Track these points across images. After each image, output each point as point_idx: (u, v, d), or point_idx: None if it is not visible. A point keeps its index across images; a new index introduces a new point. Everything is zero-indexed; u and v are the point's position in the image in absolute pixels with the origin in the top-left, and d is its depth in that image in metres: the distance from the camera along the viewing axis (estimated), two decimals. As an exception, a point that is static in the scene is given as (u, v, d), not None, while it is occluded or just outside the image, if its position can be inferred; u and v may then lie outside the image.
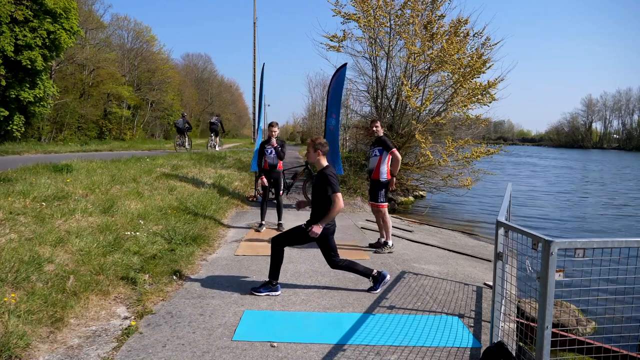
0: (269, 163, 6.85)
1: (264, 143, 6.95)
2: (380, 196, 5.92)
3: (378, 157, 5.95)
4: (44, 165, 7.93)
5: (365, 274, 4.35)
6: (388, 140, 5.93)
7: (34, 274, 3.63)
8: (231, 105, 66.59)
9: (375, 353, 3.13)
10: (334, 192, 4.08)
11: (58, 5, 17.60)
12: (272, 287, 4.20)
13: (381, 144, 5.93)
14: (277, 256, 4.23)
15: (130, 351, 3.02)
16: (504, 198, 4.23)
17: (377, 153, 5.96)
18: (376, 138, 6.06)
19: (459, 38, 11.19)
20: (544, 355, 2.35)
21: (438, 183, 12.60)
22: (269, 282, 4.22)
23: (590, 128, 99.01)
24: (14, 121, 18.00)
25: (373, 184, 6.00)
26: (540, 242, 2.36)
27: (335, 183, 4.11)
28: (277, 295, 4.18)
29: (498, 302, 3.23)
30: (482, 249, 7.32)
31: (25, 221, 4.60)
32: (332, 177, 4.12)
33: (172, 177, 9.40)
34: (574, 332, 4.64)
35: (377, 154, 5.96)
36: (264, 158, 6.89)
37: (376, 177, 5.93)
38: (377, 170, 5.92)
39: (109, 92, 29.81)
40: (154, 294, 4.01)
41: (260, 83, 9.51)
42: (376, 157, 5.97)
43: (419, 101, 11.52)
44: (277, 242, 4.26)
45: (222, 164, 13.40)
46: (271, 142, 6.80)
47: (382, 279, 4.37)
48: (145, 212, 6.17)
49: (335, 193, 4.07)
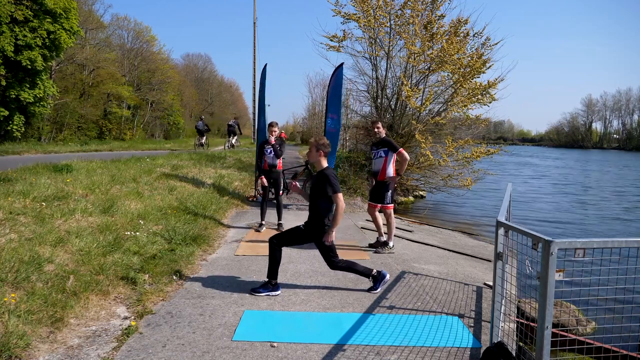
0: (269, 163, 6.85)
1: (263, 143, 6.94)
2: (387, 197, 5.91)
3: (384, 158, 5.92)
4: (44, 165, 7.94)
5: (365, 274, 4.35)
6: (393, 140, 5.93)
7: (34, 274, 3.63)
8: (231, 105, 66.51)
9: (375, 353, 3.13)
10: (334, 192, 4.08)
11: (58, 5, 17.61)
12: (272, 287, 4.20)
13: (386, 144, 5.91)
14: (274, 256, 4.23)
15: (130, 351, 3.02)
16: (504, 198, 4.23)
17: (383, 154, 5.93)
18: (379, 139, 6.04)
19: (459, 38, 11.20)
20: (544, 355, 2.35)
21: (438, 183, 12.60)
22: (268, 282, 4.23)
23: (590, 128, 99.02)
24: (14, 121, 18.01)
25: (379, 185, 5.95)
26: (540, 242, 2.36)
27: (335, 183, 4.12)
28: (277, 295, 4.18)
29: (498, 302, 3.23)
30: (482, 249, 7.32)
31: (25, 221, 4.60)
32: (332, 177, 4.13)
33: (172, 177, 9.40)
34: (574, 332, 4.64)
35: (383, 155, 5.93)
36: (264, 158, 6.89)
37: (382, 179, 5.91)
38: (384, 172, 5.90)
39: (109, 92, 29.80)
40: (154, 294, 4.01)
41: (261, 83, 9.50)
42: (381, 158, 5.94)
43: (419, 101, 11.53)
44: (275, 241, 4.26)
45: (222, 164, 13.40)
46: (269, 141, 6.81)
47: (382, 278, 4.36)
48: (145, 212, 6.17)
49: (336, 193, 4.08)
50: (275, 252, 4.23)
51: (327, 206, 4.16)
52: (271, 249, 4.24)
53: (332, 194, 4.08)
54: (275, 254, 4.23)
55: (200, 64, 58.49)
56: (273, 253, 4.23)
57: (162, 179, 8.86)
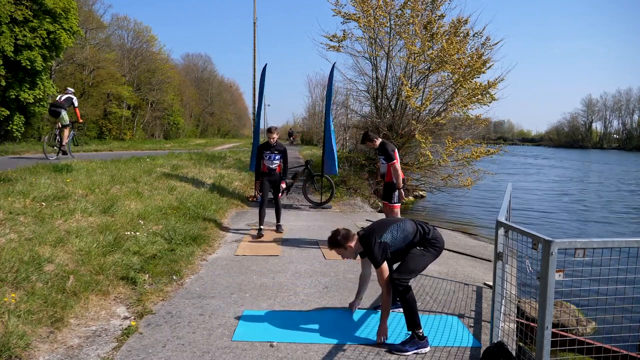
0: (267, 166, 6.70)
1: (262, 148, 6.72)
2: (393, 197, 5.99)
3: (385, 164, 6.00)
4: (44, 165, 7.93)
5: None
6: (389, 149, 5.87)
7: (34, 274, 3.62)
8: (231, 105, 66.57)
9: (375, 353, 3.13)
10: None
11: (58, 5, 17.59)
12: (420, 339, 3.18)
13: (383, 152, 5.95)
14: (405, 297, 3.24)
15: (130, 351, 3.02)
16: (504, 198, 4.23)
17: (383, 161, 6.02)
18: (378, 147, 6.06)
19: (459, 38, 11.20)
20: (544, 355, 2.35)
21: (438, 183, 12.60)
22: (413, 335, 3.20)
23: (590, 128, 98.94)
24: (14, 121, 17.99)
25: (387, 186, 6.05)
26: (540, 242, 2.36)
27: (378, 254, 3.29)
28: (428, 350, 3.20)
29: (498, 302, 3.23)
30: (482, 249, 7.32)
31: (25, 221, 4.60)
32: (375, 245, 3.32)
33: (172, 177, 9.39)
34: (574, 332, 4.64)
35: (384, 162, 6.01)
36: (262, 162, 6.70)
37: (389, 180, 5.99)
38: (389, 174, 5.99)
39: (108, 92, 29.80)
40: (154, 294, 4.01)
41: (260, 83, 9.50)
42: (384, 164, 6.03)
43: (419, 101, 11.53)
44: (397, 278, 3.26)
45: (222, 164, 13.40)
46: (271, 149, 6.60)
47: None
48: (145, 212, 6.16)
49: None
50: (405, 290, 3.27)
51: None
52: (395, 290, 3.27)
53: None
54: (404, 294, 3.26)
55: (200, 64, 58.52)
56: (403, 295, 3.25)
57: (162, 179, 8.86)
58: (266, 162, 6.66)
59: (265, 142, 6.76)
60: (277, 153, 6.67)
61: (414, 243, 3.40)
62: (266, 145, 6.68)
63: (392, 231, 3.35)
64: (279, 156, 6.69)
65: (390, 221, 3.56)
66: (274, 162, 6.67)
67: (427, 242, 3.42)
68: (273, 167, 6.68)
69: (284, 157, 6.74)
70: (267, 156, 6.63)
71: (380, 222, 3.59)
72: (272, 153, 6.63)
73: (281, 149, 6.71)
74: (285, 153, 6.75)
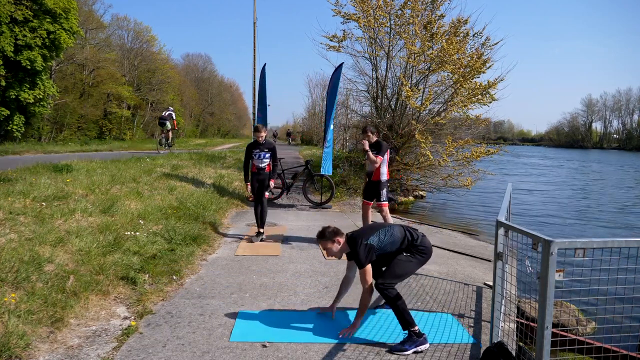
0: (257, 166, 6.59)
1: (250, 147, 6.61)
2: (382, 195, 6.11)
3: (372, 166, 6.08)
4: (44, 165, 7.93)
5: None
6: (384, 146, 6.04)
7: (34, 274, 3.63)
8: (231, 105, 66.57)
9: (375, 353, 3.13)
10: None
11: (58, 5, 17.61)
12: (417, 336, 3.21)
13: (376, 147, 6.05)
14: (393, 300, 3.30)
15: (130, 351, 3.02)
16: (504, 198, 4.23)
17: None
18: (374, 142, 6.14)
19: (459, 38, 11.18)
20: (544, 355, 2.35)
21: (438, 183, 12.59)
22: (411, 334, 3.22)
23: (590, 128, 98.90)
24: (14, 121, 18.01)
25: (374, 185, 6.12)
26: (540, 242, 2.36)
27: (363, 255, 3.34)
28: (427, 347, 3.24)
29: (498, 302, 3.23)
30: (482, 249, 7.32)
31: (25, 221, 4.60)
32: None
33: (172, 177, 9.40)
34: (574, 332, 4.64)
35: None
36: (252, 162, 6.60)
37: (377, 179, 6.08)
38: (378, 172, 6.07)
39: (108, 92, 29.80)
40: (153, 294, 4.01)
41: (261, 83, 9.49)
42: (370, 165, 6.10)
43: (418, 101, 11.52)
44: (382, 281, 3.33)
45: (222, 164, 13.40)
46: (260, 147, 6.52)
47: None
48: (145, 212, 6.16)
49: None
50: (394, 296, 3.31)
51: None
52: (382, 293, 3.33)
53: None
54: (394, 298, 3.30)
55: (200, 64, 58.52)
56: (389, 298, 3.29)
57: (162, 179, 8.86)
58: (255, 162, 6.56)
59: (254, 140, 6.69)
60: (267, 151, 6.54)
61: (401, 249, 3.44)
62: (255, 144, 6.57)
63: (379, 235, 3.40)
64: (269, 154, 6.56)
65: (379, 225, 3.64)
66: (263, 160, 6.54)
67: (414, 249, 3.46)
68: (262, 167, 6.57)
69: (274, 155, 6.64)
70: (257, 155, 6.51)
71: (371, 226, 3.69)
72: (261, 151, 6.51)
73: (270, 147, 6.61)
74: (274, 151, 6.65)
